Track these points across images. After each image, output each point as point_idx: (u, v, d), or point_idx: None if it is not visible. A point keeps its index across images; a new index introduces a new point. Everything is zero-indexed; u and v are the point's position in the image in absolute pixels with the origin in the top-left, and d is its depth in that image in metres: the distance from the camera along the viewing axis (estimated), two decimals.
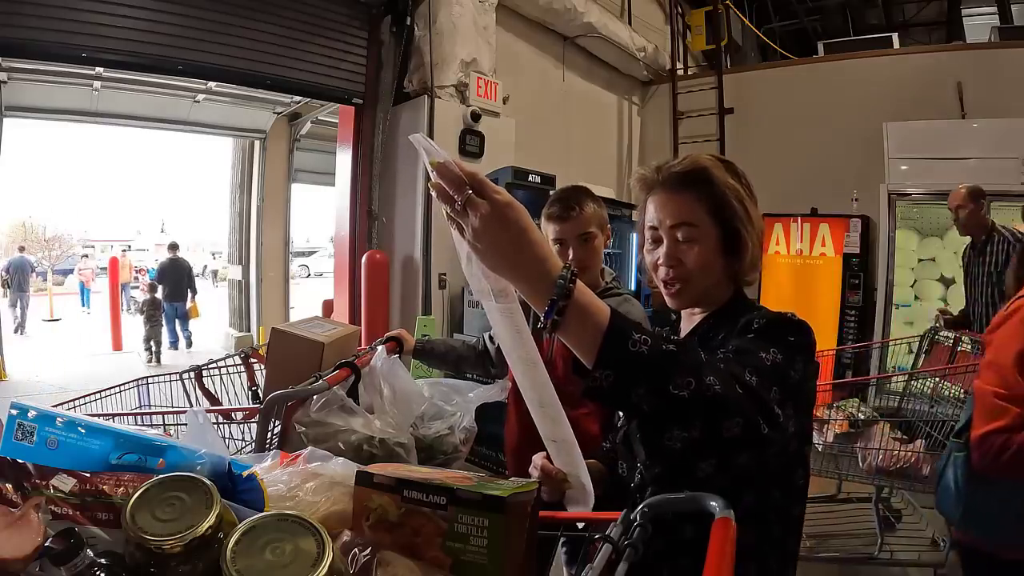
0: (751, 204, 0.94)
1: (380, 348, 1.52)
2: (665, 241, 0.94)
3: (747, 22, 8.04)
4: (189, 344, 8.14)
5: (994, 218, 4.43)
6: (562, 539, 0.85)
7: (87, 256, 15.22)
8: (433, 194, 0.64)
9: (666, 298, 0.97)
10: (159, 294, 7.64)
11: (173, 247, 8.40)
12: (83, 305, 13.30)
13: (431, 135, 4.07)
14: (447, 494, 0.65)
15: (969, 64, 5.00)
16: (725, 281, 0.96)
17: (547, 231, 1.62)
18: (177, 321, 8.06)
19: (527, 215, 0.63)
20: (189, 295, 8.02)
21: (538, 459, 1.00)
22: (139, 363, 7.09)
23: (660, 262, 0.94)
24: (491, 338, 1.83)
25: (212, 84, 5.99)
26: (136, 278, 13.77)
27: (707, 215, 0.91)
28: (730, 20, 7.19)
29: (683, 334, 1.01)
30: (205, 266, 21.95)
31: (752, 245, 0.93)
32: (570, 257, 1.58)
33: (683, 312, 1.03)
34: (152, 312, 7.35)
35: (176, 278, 7.93)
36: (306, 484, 0.72)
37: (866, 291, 4.86)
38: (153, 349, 7.28)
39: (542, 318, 0.63)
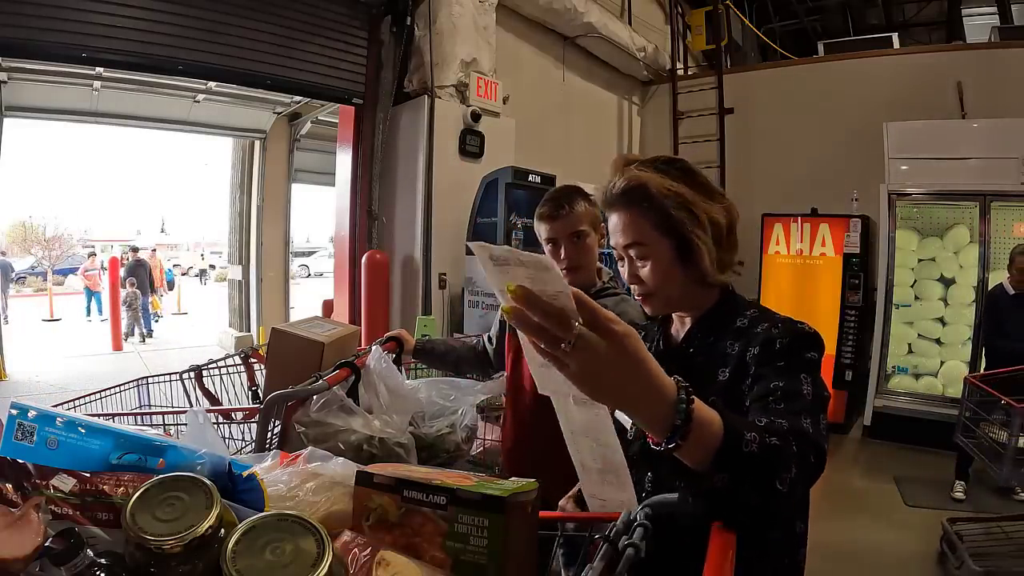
0: (702, 203, 0.92)
1: (375, 348, 1.51)
2: (626, 259, 0.97)
3: (747, 22, 8.04)
4: (150, 335, 9.34)
5: (994, 218, 4.45)
6: (560, 540, 0.85)
7: (93, 254, 12.69)
8: (504, 318, 0.54)
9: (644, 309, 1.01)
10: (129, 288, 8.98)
11: (135, 249, 9.90)
12: (91, 314, 11.13)
13: (431, 135, 4.08)
14: (447, 494, 0.65)
15: (969, 64, 5.00)
16: (700, 285, 0.95)
17: (539, 230, 1.62)
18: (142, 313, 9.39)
19: (640, 339, 0.56)
20: (150, 292, 9.52)
21: (567, 504, 1.00)
22: (139, 363, 7.09)
23: (626, 279, 0.98)
24: (490, 339, 1.83)
25: (212, 84, 5.99)
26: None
27: (654, 230, 0.92)
28: (730, 20, 7.20)
29: (679, 338, 1.01)
30: (191, 267, 21.99)
31: (708, 248, 0.91)
32: (562, 256, 1.58)
33: (675, 316, 1.04)
34: (133, 302, 8.91)
35: (143, 276, 9.47)
36: (306, 484, 0.72)
37: (866, 291, 4.86)
38: (139, 332, 8.91)
39: (663, 444, 0.59)
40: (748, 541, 0.68)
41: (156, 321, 10.19)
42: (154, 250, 12.75)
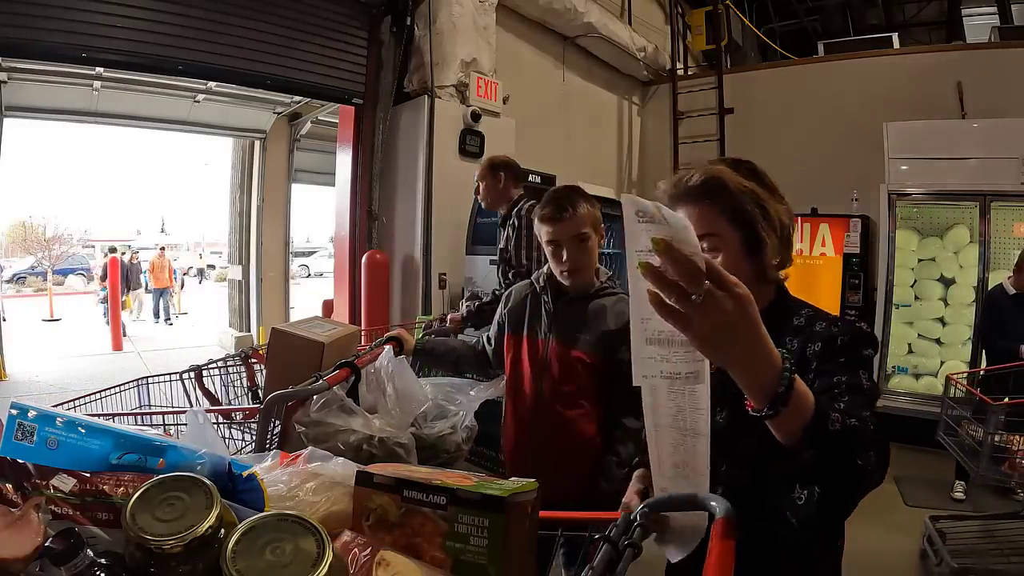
0: (772, 202, 0.97)
1: (388, 348, 1.51)
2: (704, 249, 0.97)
3: (747, 22, 8.04)
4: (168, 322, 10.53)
5: (994, 218, 4.45)
6: (561, 541, 0.85)
7: (164, 248, 12.45)
8: (638, 272, 0.56)
9: None
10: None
11: (112, 250, 10.25)
12: (161, 316, 11.19)
13: (431, 135, 4.08)
14: (447, 494, 0.65)
15: (969, 64, 5.00)
16: (760, 281, 0.98)
17: (540, 232, 1.61)
18: None
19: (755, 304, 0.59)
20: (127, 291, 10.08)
21: (632, 500, 1.00)
22: (139, 363, 7.09)
23: None
24: (489, 339, 1.83)
25: (212, 84, 5.99)
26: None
27: (727, 223, 0.95)
28: (730, 20, 7.20)
29: None
30: (190, 267, 21.95)
31: (773, 244, 0.96)
32: (564, 258, 1.58)
33: None
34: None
35: (128, 275, 10.13)
36: (306, 484, 0.72)
37: (866, 291, 4.86)
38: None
39: (765, 409, 0.63)
40: (791, 554, 0.76)
41: (176, 317, 11.51)
42: (163, 248, 12.38)
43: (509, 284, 2.55)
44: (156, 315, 11.16)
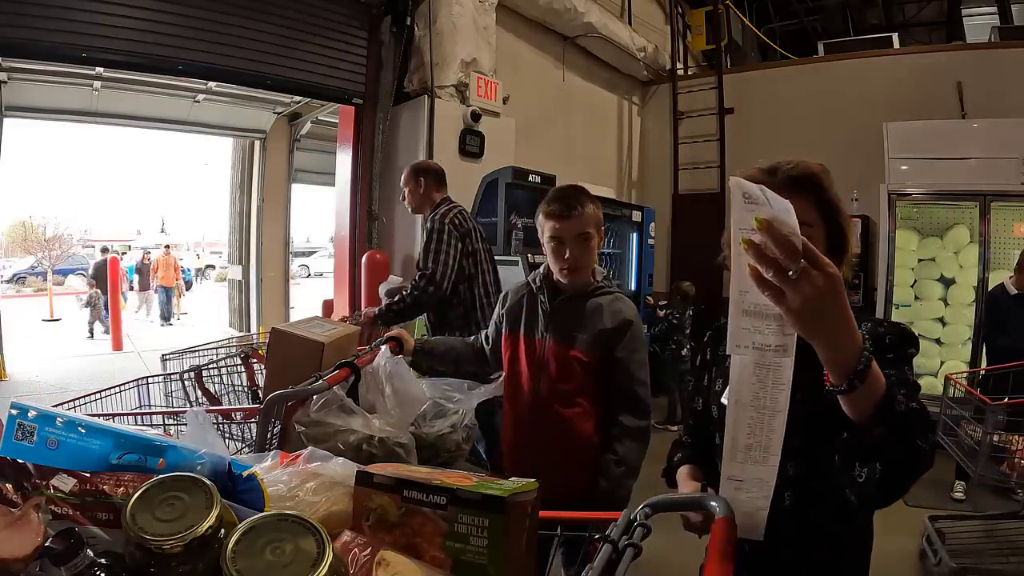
0: (845, 212, 1.02)
1: (384, 348, 1.51)
2: None
3: (747, 22, 8.04)
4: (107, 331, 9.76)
5: (994, 218, 4.45)
6: (559, 540, 0.86)
7: (167, 247, 12.11)
8: (742, 247, 0.61)
9: None
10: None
11: (104, 250, 10.51)
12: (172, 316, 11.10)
13: (431, 135, 4.08)
14: (447, 494, 0.65)
15: (969, 64, 5.00)
16: None
17: (545, 228, 1.62)
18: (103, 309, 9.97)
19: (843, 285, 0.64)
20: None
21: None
22: (139, 363, 7.09)
23: None
24: (487, 338, 1.84)
25: (212, 84, 5.99)
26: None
27: (817, 216, 0.97)
28: (730, 20, 7.20)
29: None
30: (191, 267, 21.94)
31: (851, 244, 1.00)
32: (567, 256, 1.58)
33: None
34: (96, 301, 9.52)
35: (105, 276, 9.73)
36: (306, 484, 0.72)
37: (866, 291, 4.87)
38: (93, 329, 9.41)
39: (844, 384, 0.66)
40: (827, 540, 0.82)
41: (177, 318, 11.27)
42: (167, 247, 12.13)
43: (415, 286, 2.62)
44: (164, 316, 10.90)
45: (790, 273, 0.60)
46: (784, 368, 0.71)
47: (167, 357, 2.56)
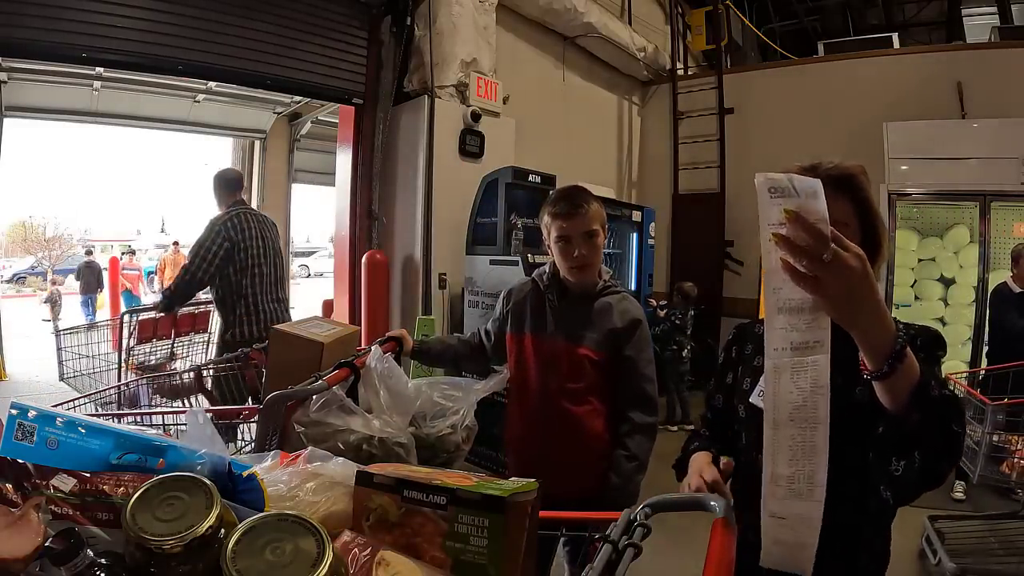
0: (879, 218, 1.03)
1: (375, 348, 1.51)
2: None
3: (747, 22, 8.04)
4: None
5: (994, 218, 4.45)
6: (564, 539, 0.86)
7: (132, 252, 11.78)
8: (771, 244, 0.63)
9: None
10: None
11: (88, 252, 10.71)
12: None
13: (431, 135, 4.08)
14: (447, 494, 0.65)
15: (969, 64, 5.00)
16: None
17: (551, 228, 1.62)
18: (86, 308, 10.27)
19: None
20: (99, 290, 10.40)
21: (696, 481, 1.00)
22: None
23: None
24: (487, 333, 1.83)
25: (212, 84, 5.99)
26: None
27: (855, 217, 0.99)
28: (730, 20, 7.20)
29: None
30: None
31: (884, 246, 1.01)
32: (575, 254, 1.59)
33: None
34: (56, 300, 10.09)
35: (89, 276, 10.38)
36: (306, 484, 0.72)
37: None
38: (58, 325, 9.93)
39: (884, 366, 0.68)
40: (850, 543, 0.85)
41: None
42: (176, 244, 11.61)
43: (177, 277, 3.05)
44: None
45: (824, 257, 0.61)
46: (821, 368, 0.70)
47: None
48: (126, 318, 3.12)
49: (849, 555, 0.91)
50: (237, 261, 2.98)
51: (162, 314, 3.14)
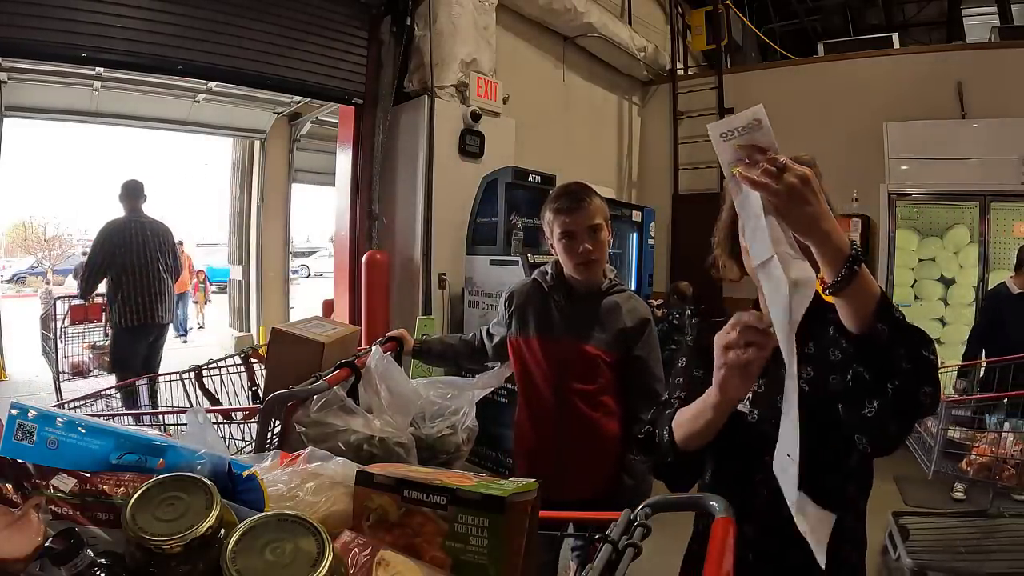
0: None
1: (375, 348, 1.51)
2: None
3: (747, 22, 8.04)
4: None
5: (994, 218, 4.45)
6: (573, 541, 0.87)
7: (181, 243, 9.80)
8: (736, 176, 0.71)
9: None
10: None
11: (84, 253, 11.15)
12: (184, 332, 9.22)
13: (431, 135, 4.08)
14: (447, 494, 0.65)
15: (969, 64, 5.00)
16: None
17: (554, 225, 1.60)
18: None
19: None
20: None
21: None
22: None
23: None
24: (489, 335, 1.82)
25: (212, 84, 5.98)
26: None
27: None
28: (730, 20, 7.19)
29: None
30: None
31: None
32: (581, 249, 1.56)
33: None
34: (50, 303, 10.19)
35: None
36: (306, 484, 0.72)
37: None
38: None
39: (840, 274, 0.72)
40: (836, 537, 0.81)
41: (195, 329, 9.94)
42: (180, 243, 9.93)
43: (83, 274, 3.84)
44: (179, 329, 9.08)
45: (777, 166, 0.69)
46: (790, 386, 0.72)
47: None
48: (57, 304, 4.09)
49: (832, 545, 0.91)
50: (118, 261, 3.72)
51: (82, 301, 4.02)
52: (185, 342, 9.03)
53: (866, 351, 0.77)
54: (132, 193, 3.87)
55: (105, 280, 3.79)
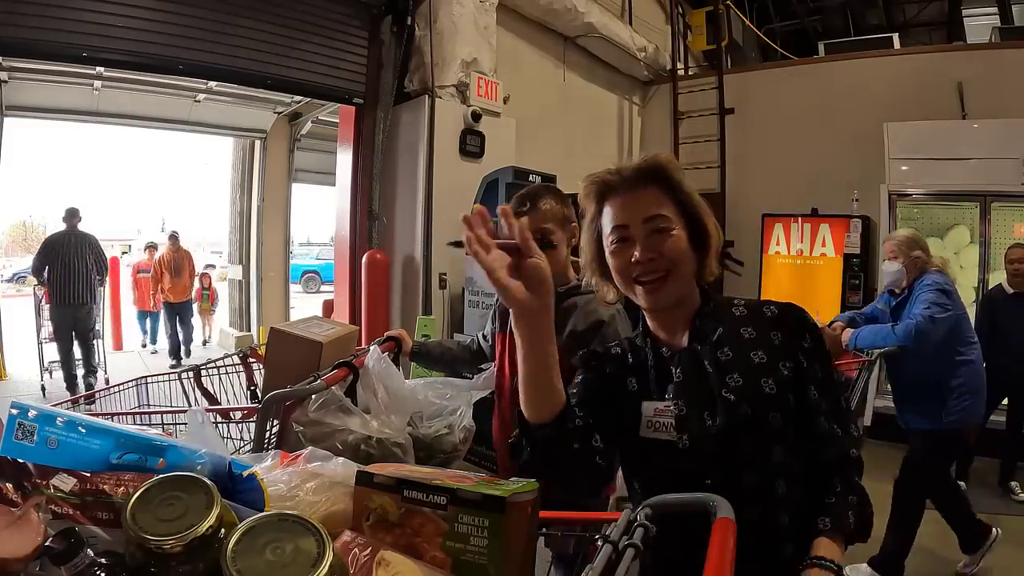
0: (706, 204, 0.99)
1: (373, 348, 1.51)
2: (640, 235, 0.93)
3: (747, 22, 8.03)
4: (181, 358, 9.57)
5: (994, 218, 4.45)
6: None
7: (153, 247, 8.06)
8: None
9: (646, 298, 0.94)
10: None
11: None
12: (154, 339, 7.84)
13: (431, 135, 4.10)
14: (447, 494, 0.65)
15: (969, 64, 4.99)
16: (693, 282, 0.98)
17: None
18: None
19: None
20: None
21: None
22: (139, 363, 7.08)
23: (637, 258, 0.92)
24: (485, 337, 1.83)
25: (212, 84, 5.99)
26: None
27: (674, 208, 0.95)
28: (730, 20, 7.19)
29: (682, 344, 0.97)
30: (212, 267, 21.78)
31: (714, 235, 0.96)
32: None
33: (658, 322, 1.00)
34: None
35: None
36: (306, 484, 0.72)
37: (866, 291, 4.86)
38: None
39: None
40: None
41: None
42: (174, 236, 7.77)
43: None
44: (175, 351, 7.27)
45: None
46: None
47: None
48: (38, 290, 5.72)
49: (805, 548, 0.88)
50: (55, 264, 5.32)
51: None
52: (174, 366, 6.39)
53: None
54: (69, 215, 5.54)
55: (47, 269, 5.35)
